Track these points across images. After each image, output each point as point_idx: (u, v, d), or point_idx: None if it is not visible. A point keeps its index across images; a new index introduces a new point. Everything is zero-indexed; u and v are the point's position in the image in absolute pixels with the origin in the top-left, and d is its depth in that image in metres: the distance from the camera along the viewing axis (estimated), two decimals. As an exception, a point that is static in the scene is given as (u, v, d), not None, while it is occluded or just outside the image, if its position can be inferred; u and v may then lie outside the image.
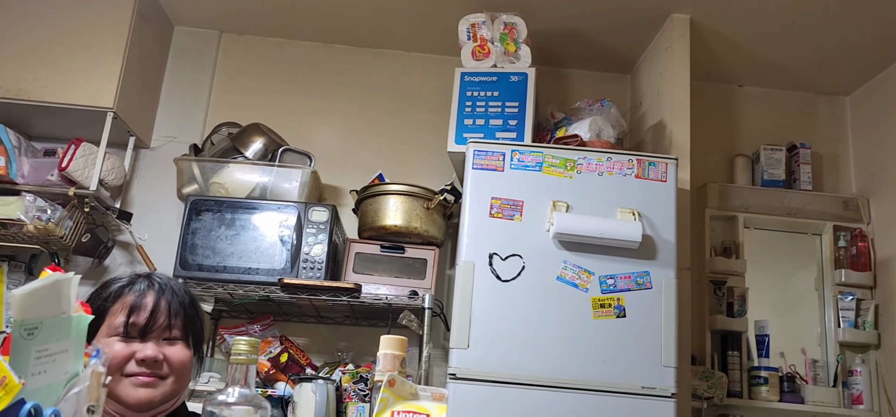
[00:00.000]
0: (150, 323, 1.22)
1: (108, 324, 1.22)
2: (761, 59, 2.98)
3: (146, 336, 1.22)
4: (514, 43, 2.59)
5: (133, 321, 1.21)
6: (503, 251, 2.19)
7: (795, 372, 2.83)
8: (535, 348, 2.12)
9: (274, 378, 2.57)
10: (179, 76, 3.11)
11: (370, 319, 2.78)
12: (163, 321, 1.24)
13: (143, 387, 1.19)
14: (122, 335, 1.21)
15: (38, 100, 2.66)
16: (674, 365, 2.10)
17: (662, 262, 2.19)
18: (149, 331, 1.22)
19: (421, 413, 0.75)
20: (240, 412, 0.89)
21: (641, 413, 2.07)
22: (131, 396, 1.18)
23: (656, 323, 2.14)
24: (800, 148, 3.02)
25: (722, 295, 2.87)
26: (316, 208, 2.58)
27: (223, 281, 2.51)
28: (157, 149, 3.01)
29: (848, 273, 2.89)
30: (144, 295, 1.24)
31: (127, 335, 1.21)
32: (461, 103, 2.58)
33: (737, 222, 2.96)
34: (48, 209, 2.57)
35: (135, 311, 1.22)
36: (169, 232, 2.79)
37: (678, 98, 2.64)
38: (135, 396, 1.18)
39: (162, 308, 1.24)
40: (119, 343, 1.20)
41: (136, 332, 1.22)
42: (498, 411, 2.06)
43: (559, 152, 2.28)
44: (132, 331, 1.21)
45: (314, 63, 3.16)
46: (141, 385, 1.19)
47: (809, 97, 3.21)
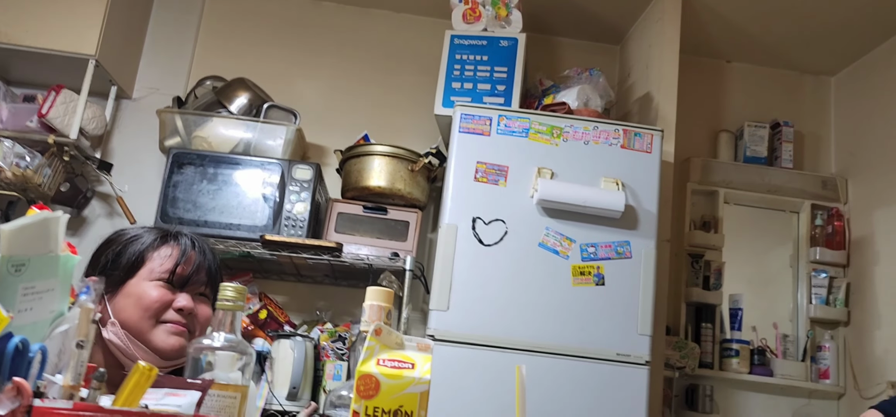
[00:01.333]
0: (193, 276, 1.26)
1: (150, 269, 1.24)
2: (750, 35, 2.99)
3: (184, 288, 1.26)
4: (506, 7, 2.58)
5: (179, 271, 1.25)
6: (487, 215, 2.21)
7: (766, 346, 2.90)
8: (514, 312, 2.14)
9: (252, 334, 2.58)
10: (164, 26, 3.06)
11: (350, 279, 2.79)
12: (202, 277, 1.28)
13: (176, 335, 1.23)
14: (165, 281, 1.24)
15: (18, 44, 2.60)
16: (649, 334, 2.15)
17: (643, 233, 2.21)
18: (188, 284, 1.26)
19: (406, 362, 0.76)
20: (224, 357, 0.90)
21: (616, 379, 2.12)
22: (166, 342, 1.22)
23: (634, 292, 2.17)
24: (783, 126, 3.06)
25: (699, 268, 2.91)
26: (300, 166, 2.57)
27: (203, 236, 2.49)
28: (140, 100, 2.97)
29: (823, 251, 2.94)
30: (189, 251, 1.28)
31: (170, 282, 1.24)
32: (450, 66, 2.57)
33: (717, 197, 3.00)
34: (27, 156, 2.53)
35: (182, 262, 1.25)
36: (150, 185, 2.76)
37: (666, 71, 2.65)
38: (169, 343, 1.22)
39: (203, 267, 1.28)
40: (160, 288, 1.23)
41: (177, 282, 1.25)
42: (475, 373, 2.09)
43: (546, 119, 2.29)
44: (175, 280, 1.25)
45: (303, 19, 3.12)
46: (175, 333, 1.23)
47: (795, 76, 3.24)
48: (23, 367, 0.78)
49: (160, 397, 0.79)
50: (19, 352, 0.77)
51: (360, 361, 0.76)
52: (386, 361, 0.77)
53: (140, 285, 1.23)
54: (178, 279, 1.25)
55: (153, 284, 1.23)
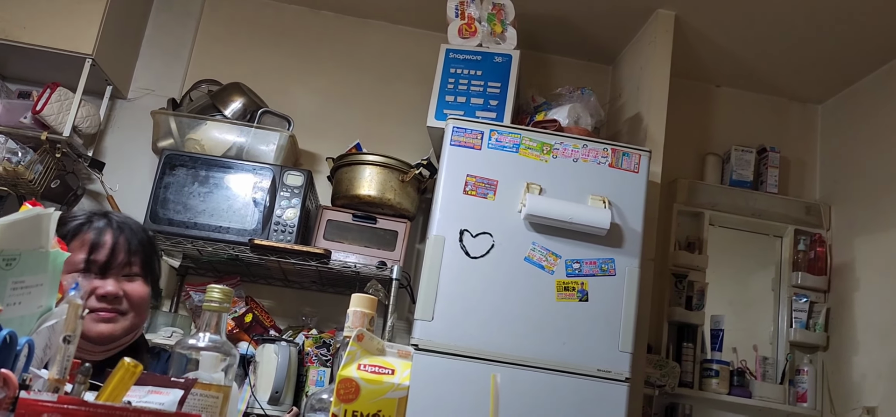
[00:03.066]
0: (111, 260, 1.25)
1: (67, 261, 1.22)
2: (740, 61, 3.04)
3: (106, 273, 1.25)
4: (502, 24, 2.61)
5: (93, 258, 1.23)
6: (474, 228, 2.23)
7: (746, 368, 2.93)
8: (498, 325, 2.17)
9: (237, 337, 2.59)
10: (162, 29, 3.08)
11: (337, 286, 2.80)
12: (122, 258, 1.26)
13: (103, 322, 1.22)
14: (83, 271, 1.22)
15: (15, 40, 2.62)
16: (630, 351, 2.17)
17: (628, 251, 2.24)
18: (108, 268, 1.25)
19: (386, 368, 0.79)
20: (208, 357, 0.92)
21: (596, 395, 2.14)
22: (93, 330, 1.21)
23: (617, 309, 2.20)
24: (769, 151, 3.11)
25: (682, 288, 2.95)
26: (291, 172, 2.59)
27: (193, 238, 2.51)
28: (134, 101, 2.98)
29: (804, 276, 2.98)
30: (103, 233, 1.26)
31: (87, 271, 1.23)
32: (444, 79, 2.60)
33: (703, 218, 3.04)
34: (19, 151, 2.54)
35: (95, 249, 1.24)
36: (141, 185, 2.78)
37: (657, 93, 2.69)
38: (96, 330, 1.21)
39: (121, 245, 1.26)
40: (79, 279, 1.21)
41: (96, 269, 1.24)
42: (457, 384, 2.11)
43: (537, 135, 2.32)
44: (92, 268, 1.23)
45: (299, 27, 3.15)
46: (101, 321, 1.22)
47: (783, 102, 3.29)
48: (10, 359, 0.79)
49: (143, 394, 0.81)
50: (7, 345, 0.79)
51: (342, 365, 0.78)
52: (366, 366, 0.79)
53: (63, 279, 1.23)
54: (94, 265, 1.23)
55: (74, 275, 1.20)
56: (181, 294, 2.80)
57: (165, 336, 2.55)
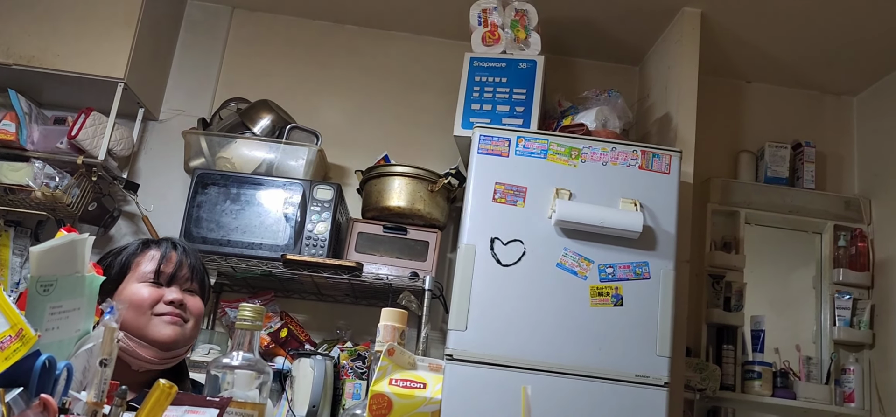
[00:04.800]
0: (177, 272, 1.38)
1: (137, 273, 1.36)
2: (770, 56, 2.98)
3: (171, 284, 1.37)
4: (525, 30, 2.60)
5: (163, 269, 1.36)
6: (505, 236, 2.22)
7: (789, 368, 2.86)
8: (532, 333, 2.15)
9: (273, 352, 2.61)
10: (190, 50, 3.13)
11: (370, 298, 2.81)
12: (186, 273, 1.39)
13: (172, 325, 1.33)
14: (152, 281, 1.35)
15: (49, 68, 2.68)
16: (668, 356, 2.13)
17: (662, 254, 2.21)
18: (174, 280, 1.37)
19: (418, 382, 0.78)
20: (242, 376, 0.92)
21: (634, 401, 2.10)
22: (162, 332, 1.31)
23: (653, 313, 2.16)
24: (805, 146, 3.04)
25: (720, 289, 2.89)
26: (321, 186, 2.60)
27: (226, 255, 2.54)
28: (166, 122, 3.03)
29: (846, 272, 2.91)
30: (170, 251, 1.40)
31: (155, 282, 1.35)
32: (469, 88, 2.59)
33: (738, 217, 2.98)
34: (56, 176, 2.60)
35: (164, 261, 1.37)
36: (174, 205, 2.82)
37: (685, 92, 2.65)
38: (165, 332, 1.32)
39: (186, 263, 1.40)
40: (149, 287, 1.34)
41: (163, 280, 1.36)
42: (493, 393, 2.09)
43: (564, 140, 2.30)
44: (160, 279, 1.36)
45: (324, 42, 3.17)
46: (171, 323, 1.33)
47: (816, 96, 3.22)
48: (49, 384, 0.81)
49: (180, 414, 0.81)
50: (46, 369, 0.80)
51: (373, 381, 0.77)
52: (398, 381, 0.79)
53: (130, 287, 1.34)
54: (164, 276, 1.36)
55: (142, 285, 1.34)
56: (217, 311, 2.83)
57: (203, 353, 2.58)
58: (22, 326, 0.78)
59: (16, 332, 0.79)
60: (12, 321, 0.79)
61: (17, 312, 0.80)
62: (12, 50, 2.68)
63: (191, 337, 1.38)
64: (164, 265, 1.37)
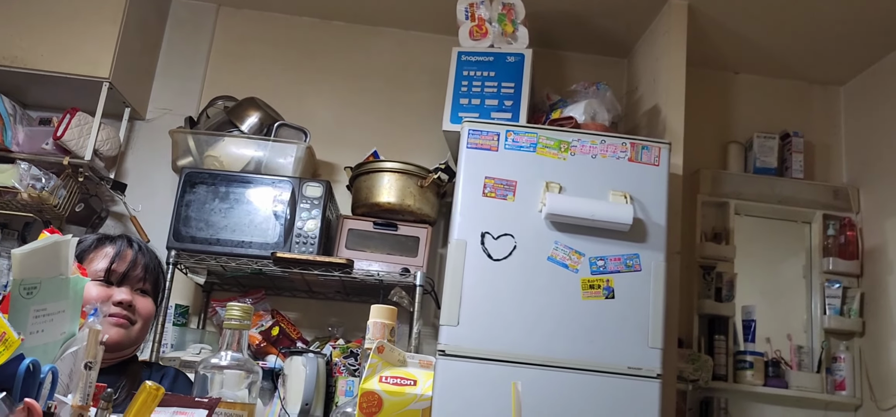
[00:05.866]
0: (129, 271, 1.36)
1: (89, 269, 1.34)
2: (757, 46, 2.99)
3: (122, 283, 1.36)
4: (512, 23, 2.60)
5: (114, 268, 1.35)
6: (495, 230, 2.21)
7: (780, 358, 2.88)
8: (524, 327, 2.14)
9: (265, 351, 2.59)
10: (176, 48, 3.10)
11: (361, 295, 2.80)
12: (139, 273, 1.38)
13: (116, 326, 1.32)
14: (103, 279, 1.33)
15: (33, 68, 2.65)
16: (660, 347, 2.13)
17: (653, 245, 2.21)
18: (125, 279, 1.36)
19: (408, 379, 0.77)
20: (231, 375, 0.91)
21: (627, 393, 2.11)
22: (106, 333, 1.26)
23: (644, 305, 2.16)
24: (793, 136, 3.05)
25: (711, 280, 2.90)
26: (310, 183, 2.59)
27: (216, 254, 2.52)
28: (153, 121, 3.01)
29: (836, 261, 2.92)
30: (125, 249, 1.39)
31: (107, 280, 1.34)
32: (457, 82, 2.58)
33: (728, 208, 2.99)
34: (43, 177, 2.57)
35: (117, 260, 1.36)
36: (163, 204, 2.80)
37: (674, 83, 2.65)
38: (110, 333, 1.30)
39: (139, 262, 1.39)
40: (98, 286, 1.33)
41: (114, 278, 1.35)
42: (485, 388, 2.09)
43: (553, 134, 2.29)
44: (112, 277, 1.34)
45: (312, 38, 3.15)
46: (115, 325, 1.31)
47: (804, 86, 3.23)
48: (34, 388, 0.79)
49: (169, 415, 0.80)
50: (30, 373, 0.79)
51: (363, 378, 0.77)
52: (388, 378, 0.78)
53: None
54: (115, 275, 1.34)
55: (92, 283, 1.32)
56: (208, 310, 2.81)
57: (194, 353, 2.56)
58: (4, 330, 0.77)
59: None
60: (-5, 325, 0.78)
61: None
62: (-5, 50, 2.65)
63: (137, 338, 1.37)
64: (117, 263, 1.35)
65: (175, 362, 2.47)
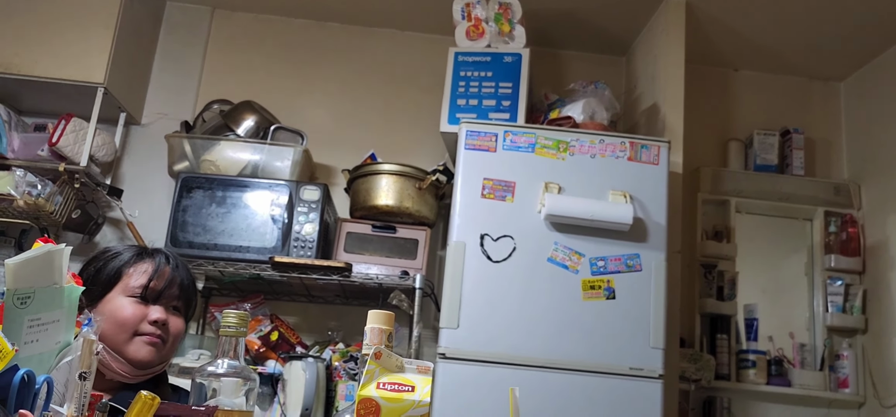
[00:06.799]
0: (166, 289, 1.33)
1: (126, 285, 1.31)
2: (756, 43, 2.98)
3: (157, 301, 1.33)
4: (509, 23, 2.58)
5: (152, 285, 1.32)
6: (494, 232, 2.20)
7: (783, 356, 2.86)
8: (524, 329, 2.13)
9: (264, 356, 2.58)
10: (171, 52, 3.09)
11: (361, 299, 2.78)
12: (175, 291, 1.35)
13: (150, 346, 1.29)
14: (140, 297, 1.31)
15: (28, 74, 2.64)
16: (662, 347, 2.12)
17: (653, 245, 2.20)
18: (161, 297, 1.33)
19: (406, 385, 0.76)
20: (228, 383, 0.90)
21: (629, 394, 2.09)
22: (140, 353, 1.28)
23: (645, 305, 2.15)
24: (793, 133, 3.04)
25: (712, 279, 2.89)
26: (307, 187, 2.57)
27: (214, 259, 2.51)
28: (148, 126, 2.99)
29: (837, 258, 2.91)
30: (163, 266, 1.35)
31: (143, 297, 1.31)
32: (454, 83, 2.57)
33: (729, 206, 2.98)
34: (38, 184, 2.55)
35: (155, 277, 1.33)
36: (159, 210, 2.78)
37: (672, 81, 2.64)
38: (142, 353, 1.28)
39: (176, 280, 1.36)
40: (134, 304, 1.30)
41: (150, 296, 1.32)
42: (486, 390, 2.07)
43: (552, 133, 2.28)
44: (148, 295, 1.31)
45: (307, 41, 3.14)
46: (149, 344, 1.29)
47: (804, 82, 3.22)
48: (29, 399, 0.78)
49: (165, 426, 0.79)
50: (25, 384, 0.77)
51: (360, 385, 0.75)
52: (386, 384, 0.76)
53: (116, 300, 1.30)
54: (151, 293, 1.32)
55: (128, 300, 1.30)
56: (206, 316, 2.80)
57: (193, 359, 2.55)
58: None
59: (-9, 347, 0.76)
60: (-13, 336, 0.77)
61: (-9, 326, 0.78)
62: (-10, 57, 2.63)
63: (167, 356, 1.34)
64: (155, 281, 1.32)
65: (174, 369, 2.46)
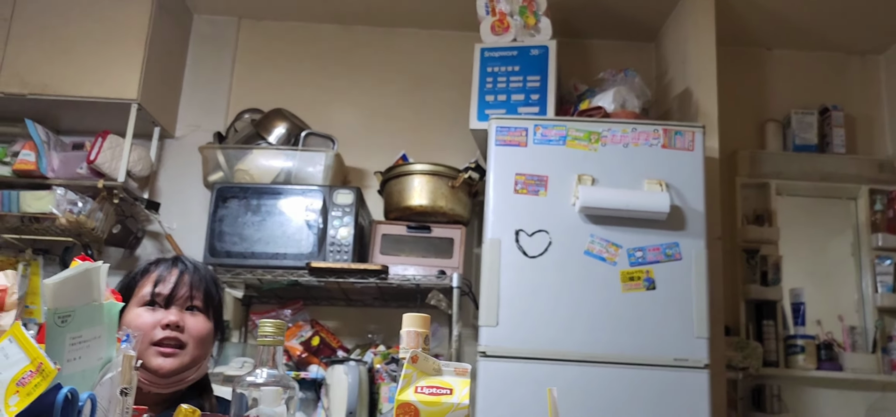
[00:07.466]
0: (174, 292, 1.32)
1: (137, 296, 1.32)
2: (789, 20, 2.90)
3: (170, 305, 1.32)
4: (534, 15, 2.55)
5: (158, 291, 1.32)
6: (529, 227, 2.18)
7: (833, 340, 2.79)
8: (564, 323, 2.11)
9: (306, 361, 2.59)
10: (201, 64, 3.13)
11: (399, 300, 2.78)
12: (185, 292, 1.33)
13: (164, 357, 1.28)
14: (149, 304, 1.31)
15: (64, 94, 2.69)
16: (706, 336, 2.08)
17: (692, 233, 2.16)
18: (172, 300, 1.32)
19: (444, 388, 0.75)
20: (269, 392, 0.90)
21: (674, 385, 2.06)
22: (155, 363, 1.27)
23: (687, 294, 2.11)
24: (832, 110, 2.95)
25: (755, 264, 2.83)
26: (340, 191, 2.58)
27: (252, 267, 2.53)
28: (182, 139, 3.03)
29: (885, 236, 2.82)
30: (169, 270, 1.35)
31: (153, 303, 1.31)
32: (482, 79, 2.55)
33: (769, 189, 2.91)
34: (79, 202, 2.60)
35: (160, 282, 1.33)
36: (197, 220, 2.81)
37: (704, 64, 2.59)
38: (157, 363, 1.27)
39: (184, 280, 1.34)
40: (146, 313, 1.30)
41: (161, 301, 1.31)
42: (529, 387, 2.06)
43: (583, 125, 2.25)
44: (158, 300, 1.31)
45: (333, 45, 3.15)
46: (162, 355, 1.28)
47: (841, 57, 3.13)
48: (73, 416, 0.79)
49: (207, 438, 0.79)
50: (69, 402, 0.78)
51: (398, 389, 0.74)
52: (424, 388, 0.76)
53: (132, 311, 1.31)
54: (160, 298, 1.31)
55: (142, 309, 1.30)
56: (248, 323, 2.82)
57: (237, 367, 2.58)
58: (41, 360, 0.77)
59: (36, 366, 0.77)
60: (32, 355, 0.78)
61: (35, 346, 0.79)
62: (26, 80, 2.69)
63: (194, 360, 1.31)
64: (160, 286, 1.32)
65: (218, 377, 2.49)
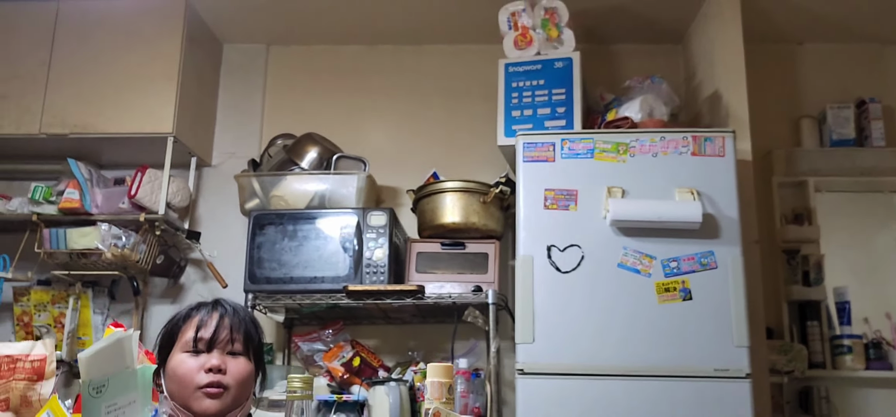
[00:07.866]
0: (215, 335, 1.37)
1: (180, 341, 1.38)
2: (819, 13, 2.83)
3: (212, 348, 1.37)
4: (557, 27, 2.54)
5: (200, 335, 1.36)
6: (561, 242, 2.17)
7: (881, 338, 2.72)
8: (600, 338, 2.10)
9: (349, 382, 2.62)
10: (232, 92, 3.19)
11: (437, 316, 2.79)
12: (225, 335, 1.38)
13: (209, 398, 1.33)
14: (192, 349, 1.36)
15: (102, 132, 2.77)
16: (746, 345, 2.05)
17: (726, 240, 2.13)
18: (214, 344, 1.37)
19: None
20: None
21: (716, 396, 2.03)
22: (202, 406, 1.32)
23: (725, 303, 2.08)
24: (869, 103, 2.87)
25: (796, 265, 2.77)
26: (374, 212, 2.60)
27: (291, 292, 2.57)
28: (219, 167, 3.10)
29: (932, 229, 2.74)
30: (210, 314, 1.40)
31: (196, 349, 1.36)
32: (507, 95, 2.55)
33: (807, 187, 2.85)
34: (123, 236, 2.68)
35: (202, 327, 1.38)
36: (237, 247, 2.86)
37: (733, 64, 2.54)
38: (204, 406, 1.32)
39: (224, 323, 1.39)
40: (190, 358, 1.35)
41: (203, 346, 1.36)
42: (568, 404, 2.05)
43: (610, 136, 2.23)
44: (200, 345, 1.36)
45: (360, 66, 3.18)
46: (209, 397, 1.32)
47: (875, 48, 3.04)
48: (112, 482, 0.82)
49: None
50: (108, 469, 0.81)
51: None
52: (449, 447, 0.77)
53: (175, 358, 1.35)
54: (202, 343, 1.36)
55: (185, 355, 1.35)
56: (290, 345, 2.87)
57: (281, 391, 2.61)
58: (78, 432, 0.80)
59: (74, 437, 0.81)
60: (70, 426, 0.81)
61: (73, 417, 0.82)
62: (67, 120, 2.78)
63: (235, 401, 1.36)
64: (202, 331, 1.37)
65: (264, 402, 2.53)
